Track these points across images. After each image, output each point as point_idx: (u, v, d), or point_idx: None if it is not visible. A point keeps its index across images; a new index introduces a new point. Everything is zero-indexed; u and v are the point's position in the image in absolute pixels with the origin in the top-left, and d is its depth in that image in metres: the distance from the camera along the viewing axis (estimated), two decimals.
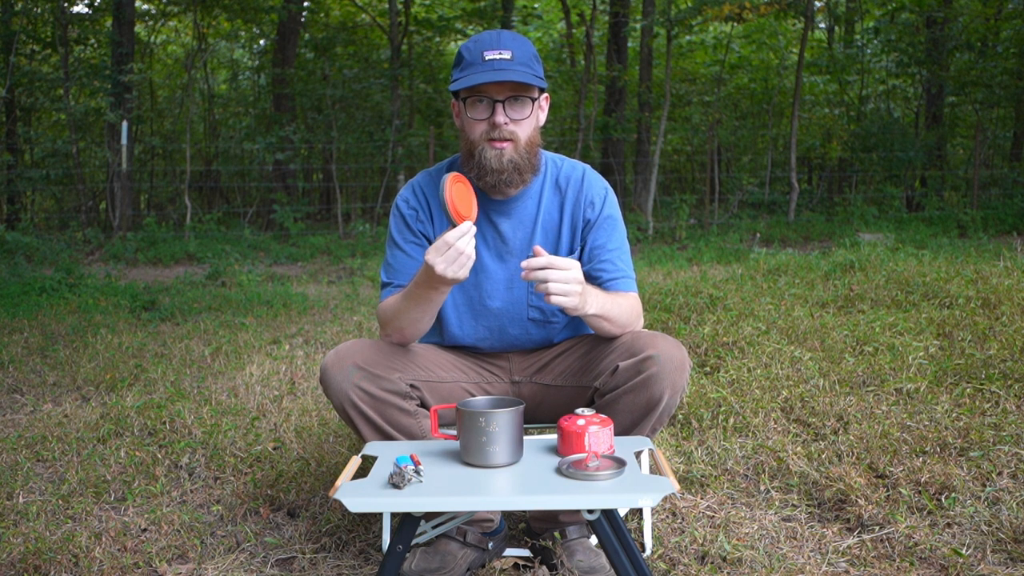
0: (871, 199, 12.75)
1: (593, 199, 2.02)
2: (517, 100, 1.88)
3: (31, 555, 2.03)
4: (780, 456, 2.49)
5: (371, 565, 2.06)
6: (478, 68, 1.85)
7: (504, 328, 2.04)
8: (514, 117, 1.89)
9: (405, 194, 2.06)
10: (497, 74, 1.83)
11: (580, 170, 2.06)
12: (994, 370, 2.98)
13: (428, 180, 2.05)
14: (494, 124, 1.87)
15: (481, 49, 1.86)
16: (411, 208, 2.03)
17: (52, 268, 8.05)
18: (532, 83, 1.87)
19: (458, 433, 1.65)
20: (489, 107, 1.88)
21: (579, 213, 2.02)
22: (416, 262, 1.99)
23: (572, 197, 2.02)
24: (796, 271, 5.51)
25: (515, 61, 1.86)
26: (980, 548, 1.96)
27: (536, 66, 1.91)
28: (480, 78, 1.83)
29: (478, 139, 1.90)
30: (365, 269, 8.33)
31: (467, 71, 1.86)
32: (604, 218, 2.02)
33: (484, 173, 1.90)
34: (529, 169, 1.94)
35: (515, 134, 1.89)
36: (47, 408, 3.46)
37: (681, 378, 1.85)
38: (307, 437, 2.88)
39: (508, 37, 1.90)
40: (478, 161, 1.90)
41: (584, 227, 2.02)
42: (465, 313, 2.04)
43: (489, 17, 14.81)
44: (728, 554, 1.99)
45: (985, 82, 13.46)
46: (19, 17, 12.04)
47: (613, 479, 1.52)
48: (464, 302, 2.04)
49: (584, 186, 2.02)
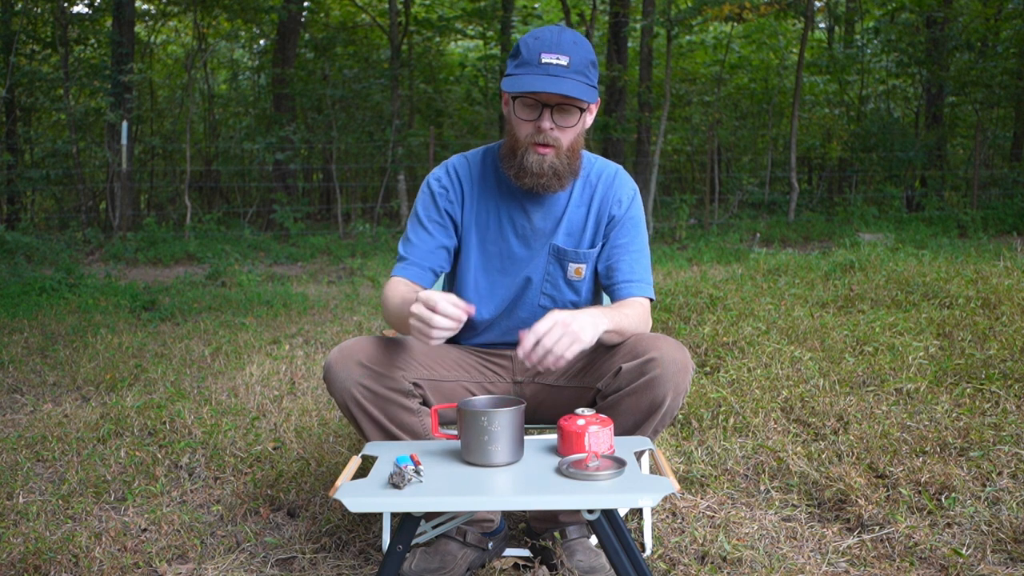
0: (871, 199, 12.82)
1: (621, 198, 2.04)
2: (566, 108, 1.87)
3: (31, 555, 2.03)
4: (780, 456, 2.50)
5: (371, 565, 2.06)
6: (533, 70, 1.83)
7: (515, 307, 2.06)
8: (561, 124, 1.88)
9: (438, 173, 2.07)
10: (549, 83, 1.82)
11: (613, 169, 2.08)
12: (994, 370, 2.98)
13: (464, 164, 2.07)
14: (539, 128, 1.87)
15: (540, 49, 1.84)
16: (442, 187, 2.04)
17: (52, 268, 8.05)
18: (583, 98, 1.84)
19: (459, 432, 1.66)
20: (537, 109, 1.87)
21: (605, 209, 2.03)
22: (435, 241, 2.01)
23: (601, 193, 2.04)
24: (796, 271, 5.51)
25: (571, 68, 1.84)
26: (980, 548, 1.97)
27: (592, 73, 1.89)
28: (532, 84, 1.82)
29: (523, 139, 1.91)
30: (365, 269, 8.32)
31: (522, 70, 1.85)
32: (628, 217, 2.04)
33: (524, 175, 1.91)
34: (569, 174, 1.95)
35: (559, 140, 1.89)
36: (47, 408, 3.46)
37: (683, 380, 1.84)
38: (307, 437, 2.88)
39: (568, 40, 1.87)
40: (519, 161, 1.91)
41: (608, 223, 2.03)
42: (482, 280, 2.06)
43: (489, 17, 14.86)
44: (728, 554, 2.00)
45: (985, 82, 13.55)
46: (19, 17, 12.08)
47: (613, 479, 1.52)
48: (483, 270, 2.06)
49: (615, 184, 2.05)
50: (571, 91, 1.81)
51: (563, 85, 1.82)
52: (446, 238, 2.03)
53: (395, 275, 2.01)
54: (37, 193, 13.30)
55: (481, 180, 2.07)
